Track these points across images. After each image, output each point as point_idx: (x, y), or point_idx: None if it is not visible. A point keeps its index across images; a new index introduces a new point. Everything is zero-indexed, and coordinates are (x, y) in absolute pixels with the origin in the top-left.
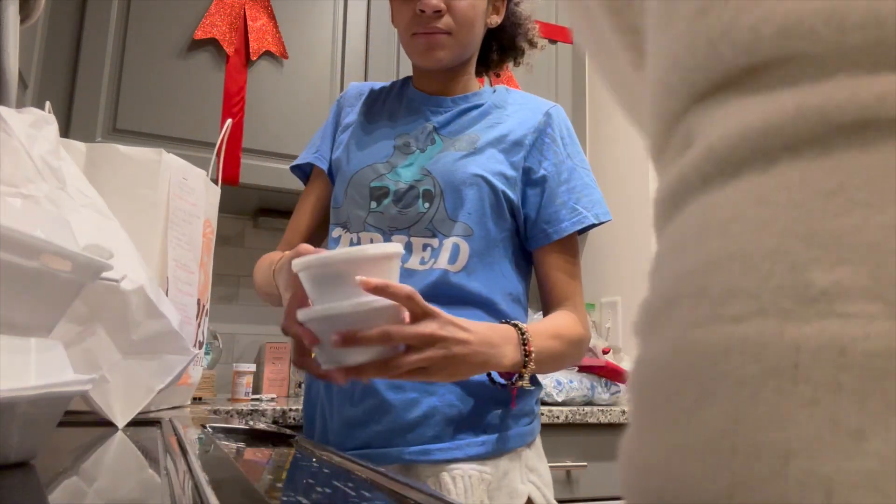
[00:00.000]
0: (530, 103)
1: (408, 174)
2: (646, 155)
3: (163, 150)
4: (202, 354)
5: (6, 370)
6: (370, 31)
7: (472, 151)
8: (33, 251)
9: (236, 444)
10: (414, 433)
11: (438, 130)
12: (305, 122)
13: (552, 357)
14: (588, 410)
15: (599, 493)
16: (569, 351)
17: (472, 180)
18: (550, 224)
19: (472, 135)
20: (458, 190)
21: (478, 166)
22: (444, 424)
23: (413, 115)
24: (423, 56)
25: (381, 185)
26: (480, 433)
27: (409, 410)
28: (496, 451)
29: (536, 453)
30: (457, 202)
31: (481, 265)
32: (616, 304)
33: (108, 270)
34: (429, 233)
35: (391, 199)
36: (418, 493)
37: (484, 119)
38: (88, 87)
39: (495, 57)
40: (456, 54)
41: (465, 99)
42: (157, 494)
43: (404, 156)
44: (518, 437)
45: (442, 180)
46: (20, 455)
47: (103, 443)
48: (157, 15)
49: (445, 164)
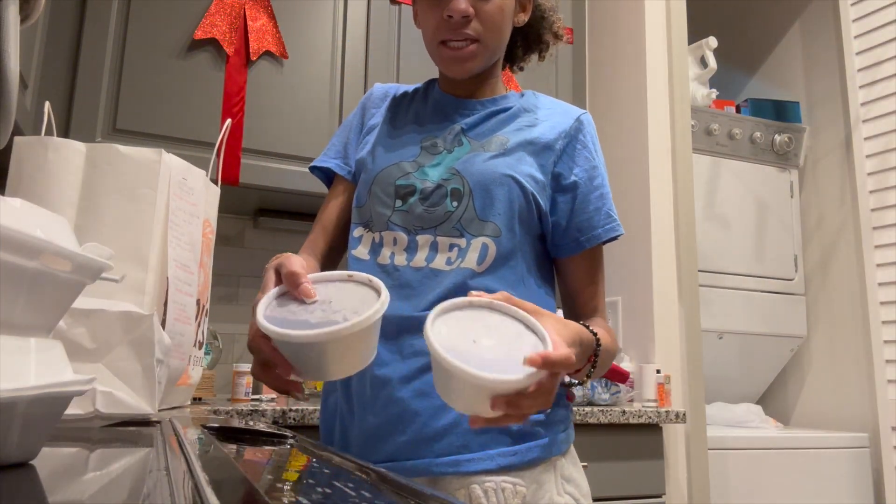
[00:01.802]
0: (560, 108)
1: (435, 174)
2: (646, 155)
3: (163, 150)
4: (202, 354)
5: (6, 370)
6: (370, 31)
7: (502, 152)
8: (33, 251)
9: (236, 444)
10: (441, 443)
11: (466, 132)
12: (305, 122)
13: (602, 368)
14: (588, 410)
15: (599, 493)
16: (606, 360)
17: (502, 180)
18: (583, 232)
19: (502, 137)
20: (489, 189)
21: (508, 167)
22: (474, 433)
23: (440, 117)
24: (450, 68)
25: (407, 183)
26: (512, 442)
27: (435, 418)
28: (530, 462)
29: (572, 462)
30: (486, 201)
31: (505, 268)
32: (616, 304)
33: (107, 270)
34: (456, 232)
35: (417, 197)
36: (419, 494)
37: (513, 122)
38: (88, 87)
39: (520, 52)
40: (485, 61)
41: (494, 102)
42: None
43: (432, 156)
44: (553, 445)
45: (471, 180)
46: (20, 455)
47: (103, 443)
48: (157, 15)
49: (475, 163)
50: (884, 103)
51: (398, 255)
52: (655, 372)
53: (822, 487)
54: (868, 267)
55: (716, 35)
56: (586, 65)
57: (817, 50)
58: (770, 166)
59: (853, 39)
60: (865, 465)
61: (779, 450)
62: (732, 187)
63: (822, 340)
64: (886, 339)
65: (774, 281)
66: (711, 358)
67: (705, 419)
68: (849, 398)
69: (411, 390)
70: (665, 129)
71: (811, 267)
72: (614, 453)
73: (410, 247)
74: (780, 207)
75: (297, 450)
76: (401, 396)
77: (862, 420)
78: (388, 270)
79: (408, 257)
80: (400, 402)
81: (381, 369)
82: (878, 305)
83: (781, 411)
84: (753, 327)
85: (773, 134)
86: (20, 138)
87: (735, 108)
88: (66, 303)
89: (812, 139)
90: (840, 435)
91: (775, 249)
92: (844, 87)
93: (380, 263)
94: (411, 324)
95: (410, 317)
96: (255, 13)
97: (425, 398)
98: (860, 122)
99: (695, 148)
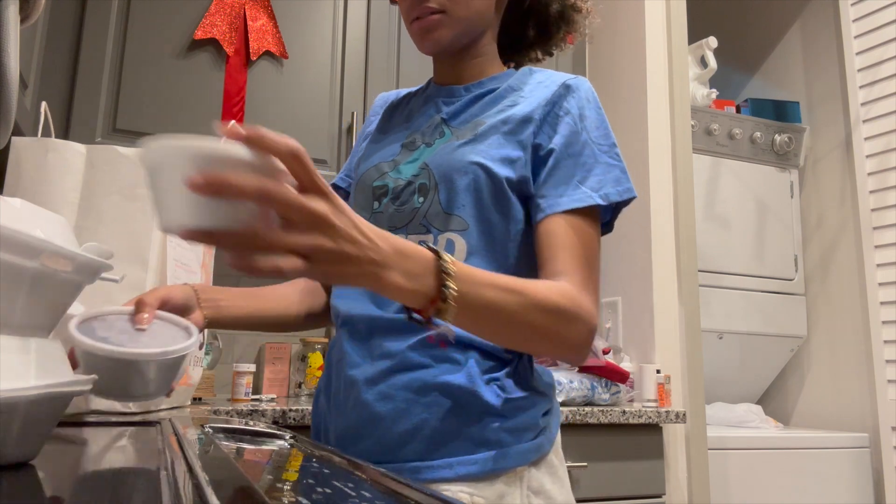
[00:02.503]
0: (552, 78)
1: (408, 170)
2: (646, 155)
3: None
4: (202, 354)
5: (6, 370)
6: (370, 31)
7: (472, 138)
8: (33, 251)
9: (236, 444)
10: (404, 449)
11: (448, 122)
12: (305, 122)
13: (495, 310)
14: (588, 411)
15: (599, 493)
16: (530, 314)
17: (466, 168)
18: (546, 198)
19: (479, 120)
20: (452, 180)
21: (476, 153)
22: (435, 439)
23: (426, 111)
24: (420, 41)
25: (382, 183)
26: (473, 449)
27: (397, 423)
28: (491, 472)
29: (548, 472)
30: (450, 194)
31: (486, 263)
32: (616, 304)
33: (107, 270)
34: (423, 229)
35: (389, 197)
36: (419, 494)
37: (497, 104)
38: (88, 88)
39: (532, 33)
40: (456, 33)
41: (480, 85)
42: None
43: (409, 152)
44: (518, 454)
45: (437, 172)
46: (20, 455)
47: (103, 443)
48: (157, 15)
49: (443, 154)
50: (884, 103)
51: None
52: (655, 372)
53: (822, 487)
54: (868, 267)
55: (716, 35)
56: (586, 65)
57: (817, 50)
58: (770, 166)
59: (853, 39)
60: (865, 465)
61: (779, 450)
62: (732, 187)
63: (822, 340)
64: (886, 339)
65: (774, 281)
66: (711, 358)
67: (705, 419)
68: (849, 398)
69: (375, 393)
70: (665, 129)
71: (811, 267)
72: (614, 453)
73: None
74: (780, 207)
75: (297, 450)
76: (366, 399)
77: (862, 420)
78: None
79: None
80: (365, 405)
81: (351, 370)
82: (878, 305)
83: (781, 411)
84: (753, 327)
85: (773, 134)
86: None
87: (735, 108)
88: (66, 303)
89: (812, 139)
90: (840, 435)
91: (775, 249)
92: (844, 87)
93: None
94: (380, 325)
95: (380, 317)
96: (255, 13)
97: (389, 402)
98: (860, 122)
99: (695, 148)
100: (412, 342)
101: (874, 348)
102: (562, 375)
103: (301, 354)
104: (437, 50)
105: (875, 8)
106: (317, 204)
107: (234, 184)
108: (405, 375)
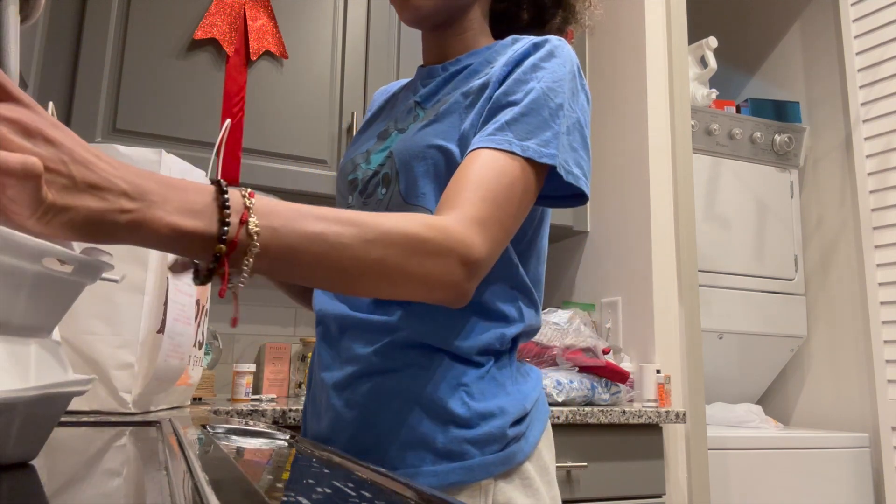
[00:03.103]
0: (526, 42)
1: (377, 160)
2: (646, 155)
3: (163, 151)
4: (202, 354)
5: (6, 371)
6: (370, 31)
7: (433, 119)
8: (34, 253)
9: (236, 444)
10: (369, 457)
11: (421, 104)
12: (305, 122)
13: (321, 246)
14: (588, 411)
15: (599, 493)
16: (371, 248)
17: (424, 153)
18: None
19: (444, 98)
20: (410, 167)
21: (436, 135)
22: (398, 448)
23: (407, 95)
24: (400, 10)
25: (353, 177)
26: (436, 461)
27: (363, 430)
28: (452, 485)
29: (521, 485)
30: (409, 182)
31: None
32: (616, 304)
33: (108, 271)
34: None
35: (358, 190)
36: (419, 494)
37: (469, 80)
38: (88, 87)
39: (525, 16)
40: (437, 3)
41: (456, 62)
42: (157, 494)
43: (382, 141)
44: (482, 467)
45: (398, 160)
46: (20, 455)
47: (103, 443)
48: (157, 15)
49: (405, 139)
50: (884, 103)
51: None
52: (655, 372)
53: (822, 487)
54: (868, 267)
55: (716, 35)
56: (586, 64)
57: (817, 50)
58: (770, 166)
59: (853, 39)
60: (865, 465)
61: (779, 450)
62: (732, 187)
63: (822, 340)
64: (886, 339)
65: (774, 281)
66: (711, 358)
67: (705, 419)
68: (849, 398)
69: (343, 399)
70: (665, 129)
71: (811, 267)
72: (614, 453)
73: None
74: (780, 207)
75: (297, 450)
76: (334, 404)
77: (862, 420)
78: None
79: None
80: (335, 410)
81: (323, 373)
82: (878, 305)
83: (781, 411)
84: (753, 327)
85: (773, 134)
86: None
87: (735, 108)
88: (67, 304)
89: (812, 139)
90: (840, 435)
91: (775, 249)
92: (844, 87)
93: None
94: (349, 324)
95: (349, 316)
96: (255, 13)
97: (355, 409)
98: (860, 122)
99: (695, 148)
100: (378, 346)
101: (874, 348)
102: (562, 375)
103: (301, 354)
104: (416, 19)
105: (875, 8)
106: (21, 111)
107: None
108: (370, 381)
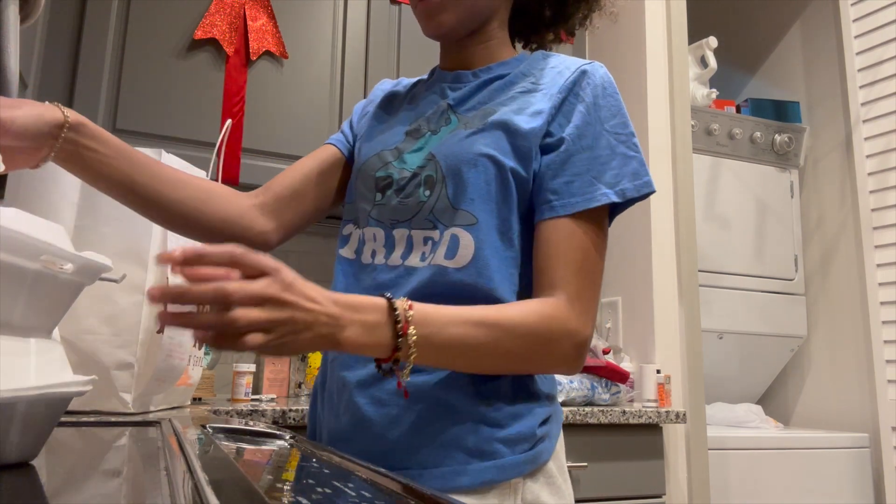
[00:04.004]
0: (567, 63)
1: (414, 160)
2: (647, 155)
3: (163, 151)
4: (202, 354)
5: (6, 371)
6: (370, 31)
7: (481, 128)
8: (34, 252)
9: (236, 444)
10: (396, 456)
11: (454, 108)
12: (305, 122)
13: (465, 346)
14: (588, 411)
15: (599, 493)
16: (504, 343)
17: (475, 160)
18: (559, 196)
19: (489, 109)
20: (460, 172)
21: (486, 144)
22: (427, 448)
23: (431, 97)
24: (424, 25)
25: (385, 174)
26: (468, 461)
27: (388, 429)
28: (483, 484)
29: (546, 483)
30: (458, 187)
31: (498, 259)
32: (616, 304)
33: (107, 271)
34: (430, 224)
35: (394, 189)
36: (419, 494)
37: (508, 90)
38: (88, 87)
39: (548, 13)
40: (462, 16)
41: (488, 70)
42: (157, 494)
43: (414, 140)
44: (513, 466)
45: (444, 164)
46: (20, 455)
47: (103, 443)
48: (157, 15)
49: (451, 144)
50: (884, 103)
51: (378, 253)
52: (655, 372)
53: (822, 487)
54: (868, 267)
55: (716, 35)
56: None
57: (817, 50)
58: (770, 166)
59: (853, 39)
60: (865, 465)
61: (779, 450)
62: (732, 187)
63: (822, 340)
64: (886, 339)
65: (774, 281)
66: (711, 358)
67: (705, 419)
68: (849, 398)
69: (367, 396)
70: (665, 128)
71: (811, 267)
72: (614, 453)
73: (388, 243)
74: (780, 207)
75: (297, 450)
76: (357, 402)
77: (862, 420)
78: (369, 270)
79: (385, 255)
80: (357, 408)
81: (343, 371)
82: (878, 305)
83: (781, 411)
84: (753, 327)
85: (773, 134)
86: None
87: (735, 108)
88: (67, 304)
89: (812, 139)
90: (840, 435)
91: (775, 249)
92: (844, 87)
93: (363, 262)
94: None
95: None
96: (255, 13)
97: (380, 407)
98: (860, 122)
99: (695, 148)
100: None
101: (874, 348)
102: (562, 376)
103: (301, 354)
104: (440, 33)
105: (875, 8)
106: (259, 285)
107: (194, 292)
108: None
